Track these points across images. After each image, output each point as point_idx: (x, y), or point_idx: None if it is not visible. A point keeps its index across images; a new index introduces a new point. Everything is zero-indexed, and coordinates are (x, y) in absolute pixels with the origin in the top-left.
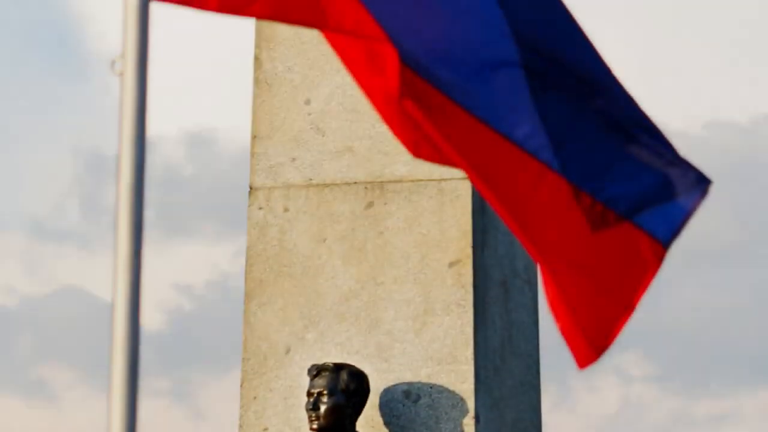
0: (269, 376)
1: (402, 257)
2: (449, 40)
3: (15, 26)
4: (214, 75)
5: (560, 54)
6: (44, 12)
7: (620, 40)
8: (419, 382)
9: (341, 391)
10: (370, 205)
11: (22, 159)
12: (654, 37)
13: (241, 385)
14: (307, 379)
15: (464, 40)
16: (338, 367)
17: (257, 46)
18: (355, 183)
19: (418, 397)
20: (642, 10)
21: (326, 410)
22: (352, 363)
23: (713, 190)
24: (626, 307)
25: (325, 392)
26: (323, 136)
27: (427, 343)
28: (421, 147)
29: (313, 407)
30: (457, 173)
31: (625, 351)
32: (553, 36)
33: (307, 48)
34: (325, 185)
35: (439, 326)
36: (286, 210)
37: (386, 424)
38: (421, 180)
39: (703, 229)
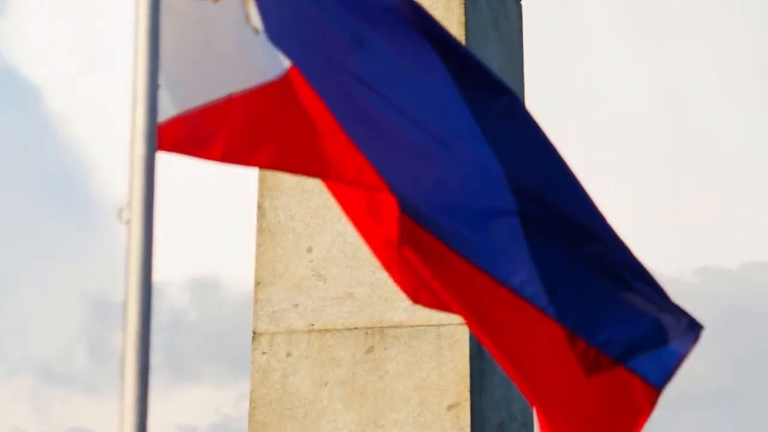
0: None
1: (402, 401)
2: (448, 190)
3: (26, 174)
4: (218, 223)
5: (555, 201)
6: (54, 161)
7: (614, 189)
8: None
9: None
10: (370, 349)
11: (32, 304)
12: (647, 186)
13: None
14: None
15: (462, 190)
16: None
17: (261, 194)
18: (356, 328)
19: None
20: (635, 160)
21: None
22: None
23: (705, 336)
24: None
25: None
26: (325, 282)
27: None
28: (420, 293)
29: None
30: (455, 319)
31: None
32: (548, 183)
33: (309, 197)
34: (327, 330)
35: None
36: (288, 355)
37: None
38: (420, 325)
39: (694, 373)
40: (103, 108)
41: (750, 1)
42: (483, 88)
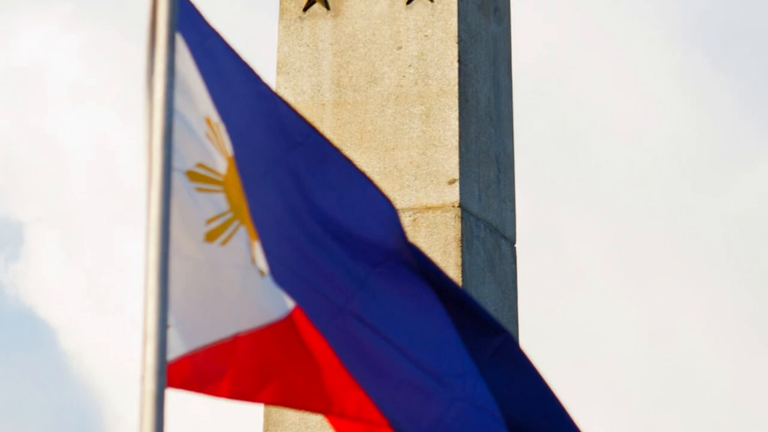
0: None
1: None
2: (445, 424)
3: (41, 410)
4: None
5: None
6: (68, 397)
7: (605, 423)
8: None
9: None
10: None
11: None
12: (636, 422)
13: None
14: None
15: (459, 424)
16: None
17: (265, 429)
18: None
19: None
20: (626, 397)
21: None
22: None
23: None
24: None
25: None
26: None
27: None
28: None
29: None
30: None
31: None
32: (541, 417)
33: None
34: None
35: None
36: None
37: None
38: None
39: None
40: (115, 346)
41: (735, 249)
42: (479, 327)
